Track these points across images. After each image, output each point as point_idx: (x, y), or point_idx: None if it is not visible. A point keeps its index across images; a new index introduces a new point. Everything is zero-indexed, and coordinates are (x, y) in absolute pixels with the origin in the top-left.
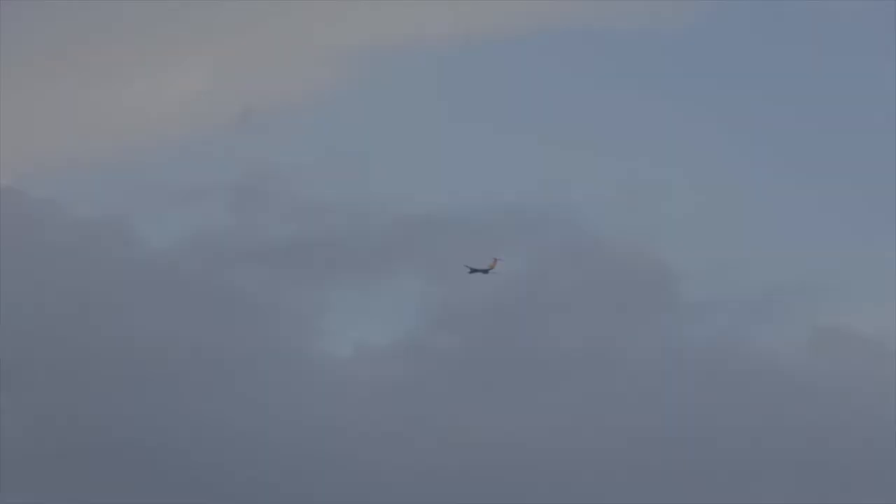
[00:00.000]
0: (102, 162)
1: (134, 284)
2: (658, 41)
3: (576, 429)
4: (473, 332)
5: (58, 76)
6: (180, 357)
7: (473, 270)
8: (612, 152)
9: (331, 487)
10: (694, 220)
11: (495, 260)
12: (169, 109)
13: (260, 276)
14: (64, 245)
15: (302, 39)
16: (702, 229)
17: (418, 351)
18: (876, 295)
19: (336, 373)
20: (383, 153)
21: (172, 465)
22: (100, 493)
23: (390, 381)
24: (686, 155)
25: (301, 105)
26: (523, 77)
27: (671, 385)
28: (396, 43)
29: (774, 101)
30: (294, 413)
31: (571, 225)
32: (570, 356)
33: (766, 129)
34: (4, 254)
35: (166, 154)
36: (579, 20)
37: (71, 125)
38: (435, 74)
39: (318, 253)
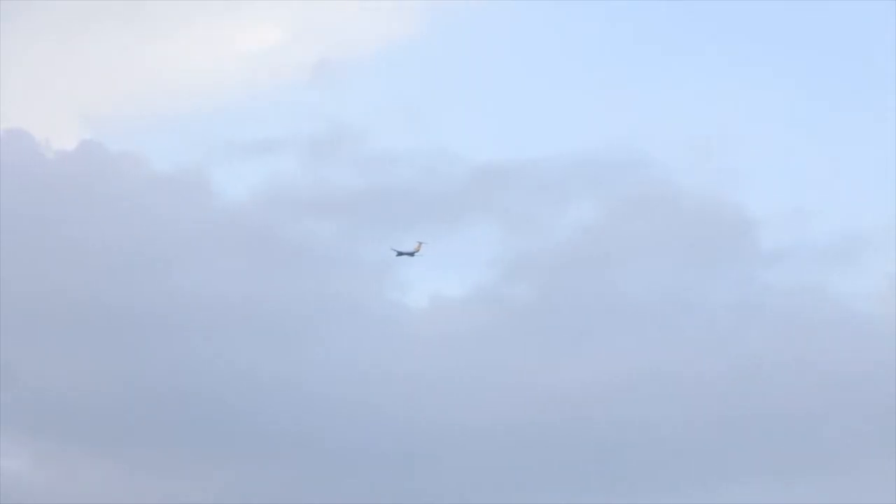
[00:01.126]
0: (178, 114)
1: (210, 237)
2: None
3: (652, 377)
4: (548, 282)
5: (134, 28)
6: (255, 310)
7: (400, 254)
8: (688, 99)
9: (403, 439)
10: (772, 166)
11: (419, 243)
12: (244, 62)
13: (334, 228)
14: (141, 198)
15: None
16: (780, 175)
17: (493, 301)
18: None
19: (411, 325)
20: (456, 104)
21: (247, 419)
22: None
23: (465, 333)
24: (763, 101)
25: (374, 57)
26: (596, 25)
27: (748, 332)
28: None
29: (850, 45)
30: (369, 366)
31: (646, 173)
32: (645, 305)
33: (844, 73)
34: (84, 206)
35: (241, 106)
36: None
37: (148, 78)
38: (508, 25)
39: (391, 204)
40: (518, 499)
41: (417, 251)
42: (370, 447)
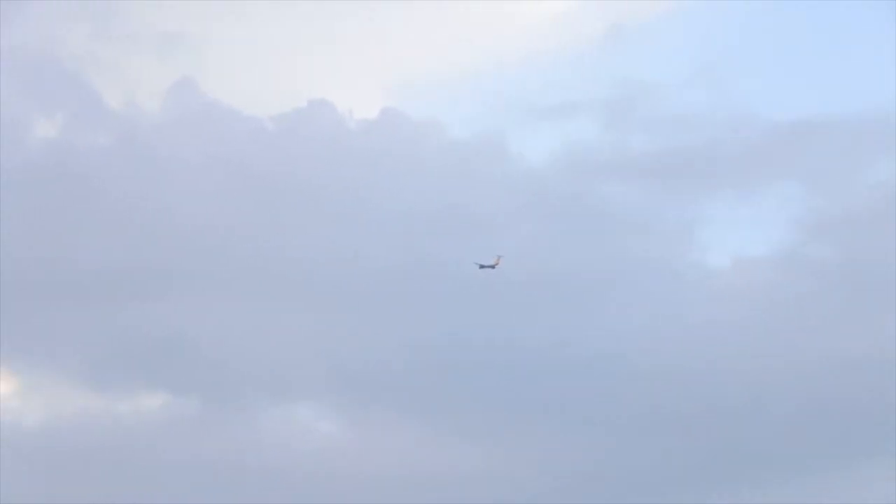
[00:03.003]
0: (476, 82)
1: (508, 200)
2: None
3: None
4: (852, 242)
5: None
6: (557, 273)
7: (483, 266)
8: None
9: (704, 399)
10: None
11: (498, 257)
12: (539, 26)
13: (633, 189)
14: (441, 164)
15: None
16: None
17: (795, 262)
18: None
19: (713, 285)
20: (752, 62)
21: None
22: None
23: (767, 293)
24: None
25: (668, 17)
26: None
27: None
28: None
29: None
30: (671, 327)
31: None
32: None
33: None
34: (385, 174)
35: (538, 72)
36: None
37: (446, 46)
38: None
39: (691, 165)
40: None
41: (497, 264)
42: (673, 407)
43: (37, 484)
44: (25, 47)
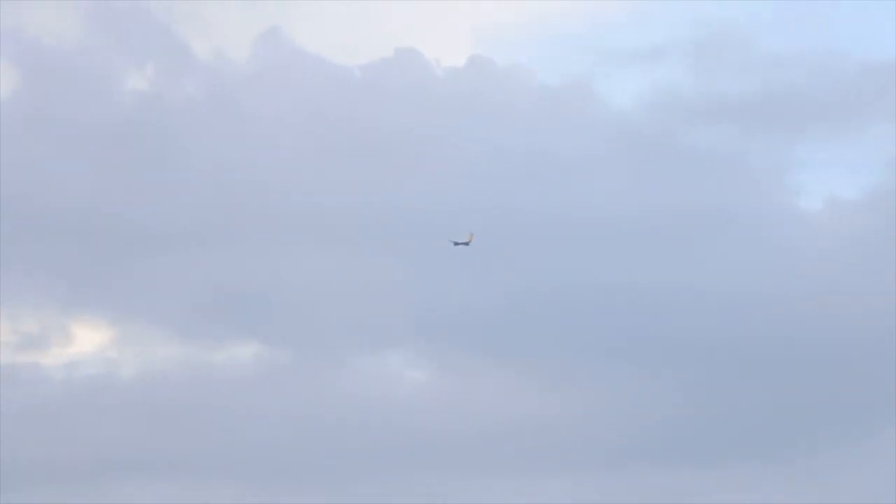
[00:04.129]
0: (563, 27)
1: (597, 145)
2: None
3: None
4: None
5: None
6: (649, 216)
7: (457, 244)
8: None
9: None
10: None
11: (471, 234)
12: None
13: (725, 133)
14: (529, 110)
15: None
16: None
17: (890, 204)
18: None
19: (805, 228)
20: (843, 2)
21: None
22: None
23: (860, 236)
24: None
25: None
26: None
27: None
28: None
29: None
30: (764, 269)
31: None
32: None
33: None
34: (473, 121)
35: (624, 16)
36: None
37: None
38: None
39: (782, 107)
40: None
41: (470, 241)
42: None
43: (133, 433)
44: (115, 0)
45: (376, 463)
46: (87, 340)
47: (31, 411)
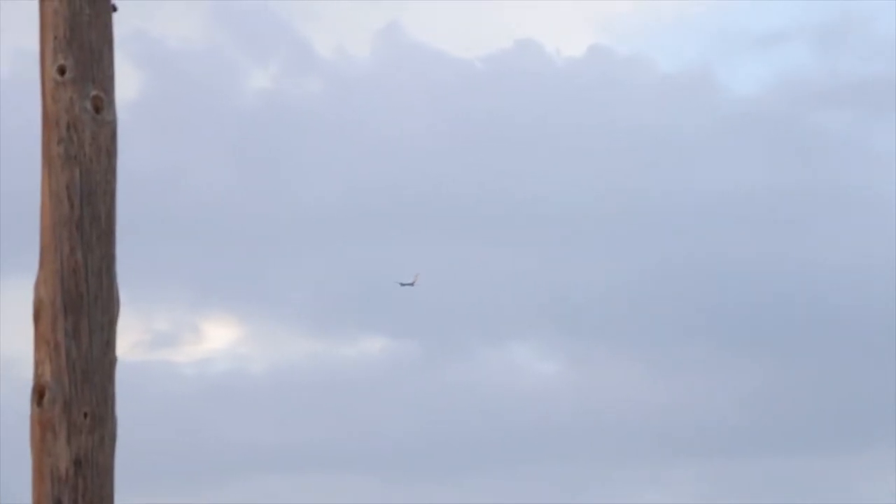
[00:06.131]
0: (683, 14)
1: (720, 132)
2: None
3: None
4: None
5: None
6: (766, 200)
7: (403, 284)
8: None
9: None
10: None
11: (416, 275)
12: None
13: (848, 117)
14: (651, 98)
15: None
16: None
17: None
18: None
19: None
20: None
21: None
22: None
23: None
24: None
25: None
26: None
27: None
28: None
29: None
30: (881, 256)
31: None
32: None
33: None
34: (591, 112)
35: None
36: None
37: None
38: None
39: None
40: None
41: (415, 282)
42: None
43: (264, 429)
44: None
45: (506, 455)
46: (218, 337)
47: (164, 409)
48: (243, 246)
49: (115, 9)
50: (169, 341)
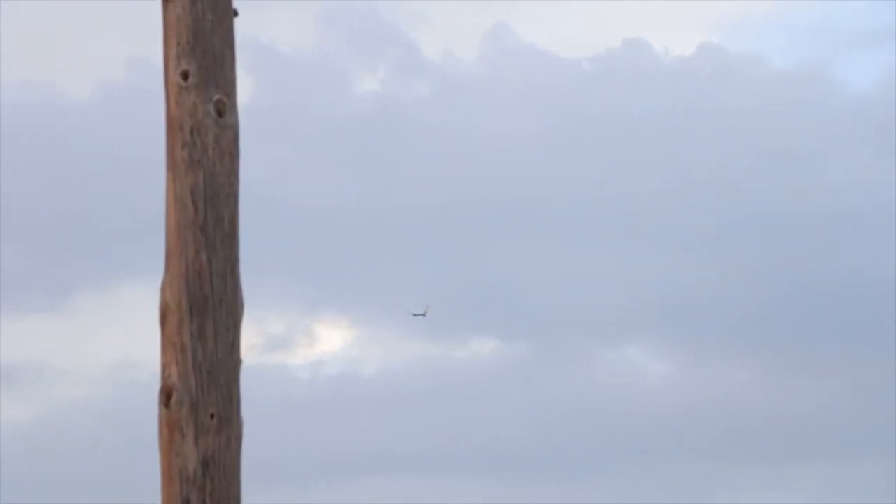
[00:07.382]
0: (796, 10)
1: (836, 131)
2: None
3: None
4: None
5: None
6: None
7: (415, 315)
8: None
9: None
10: None
11: (427, 306)
12: None
13: None
14: (764, 97)
15: None
16: None
17: None
18: None
19: None
20: None
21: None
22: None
23: None
24: None
25: None
26: None
27: None
28: None
29: None
30: None
31: None
32: None
33: None
34: (705, 110)
35: None
36: None
37: None
38: None
39: None
40: None
41: (427, 312)
42: None
43: (377, 431)
44: (346, 3)
45: (621, 458)
46: (331, 340)
47: (278, 411)
48: (355, 249)
49: (237, 13)
50: (283, 344)
